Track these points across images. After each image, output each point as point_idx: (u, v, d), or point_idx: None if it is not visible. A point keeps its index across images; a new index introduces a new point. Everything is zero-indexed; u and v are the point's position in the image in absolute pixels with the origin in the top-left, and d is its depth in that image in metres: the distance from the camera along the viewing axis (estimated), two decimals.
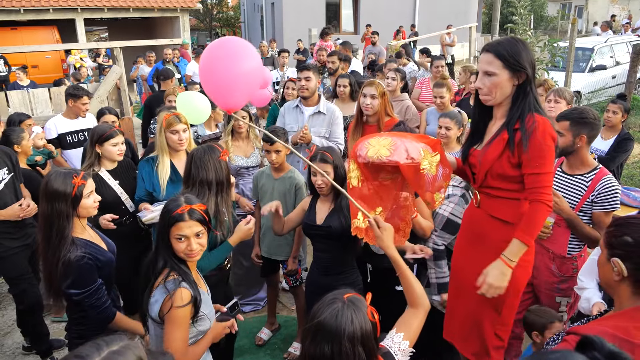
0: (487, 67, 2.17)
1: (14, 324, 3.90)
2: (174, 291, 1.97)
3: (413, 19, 19.54)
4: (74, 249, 2.26)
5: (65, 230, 2.27)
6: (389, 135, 2.38)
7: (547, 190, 2.12)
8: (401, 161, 2.19)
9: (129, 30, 18.67)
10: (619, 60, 10.77)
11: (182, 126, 3.27)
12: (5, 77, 12.08)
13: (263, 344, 3.81)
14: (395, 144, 2.24)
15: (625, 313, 1.49)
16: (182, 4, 16.21)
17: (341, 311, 1.49)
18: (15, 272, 3.48)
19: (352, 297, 1.54)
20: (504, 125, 2.21)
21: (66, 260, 2.23)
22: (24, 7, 13.56)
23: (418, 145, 2.27)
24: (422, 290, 1.92)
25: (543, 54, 6.30)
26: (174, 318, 1.96)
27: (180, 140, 3.26)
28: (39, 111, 5.40)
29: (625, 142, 4.21)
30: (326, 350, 1.47)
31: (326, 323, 1.48)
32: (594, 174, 2.84)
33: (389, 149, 2.22)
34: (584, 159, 2.88)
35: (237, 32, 31.01)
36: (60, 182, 2.26)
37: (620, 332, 1.39)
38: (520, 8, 6.11)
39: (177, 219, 2.05)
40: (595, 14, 25.63)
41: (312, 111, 4.21)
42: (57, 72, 14.39)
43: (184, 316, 1.98)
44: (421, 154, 2.24)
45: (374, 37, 11.00)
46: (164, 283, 2.01)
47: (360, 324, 1.48)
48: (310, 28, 12.84)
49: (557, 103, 3.93)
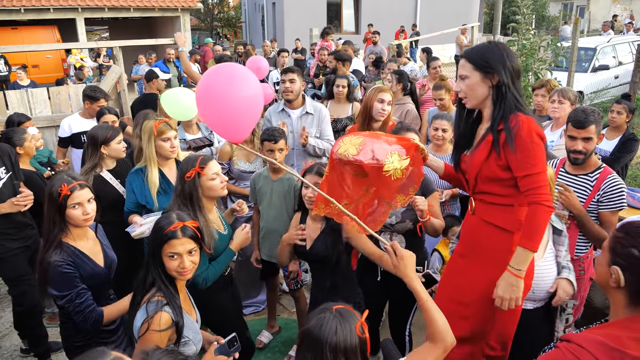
0: (461, 70, 2.24)
1: (11, 326, 3.86)
2: (153, 314, 1.91)
3: (414, 19, 19.53)
4: (57, 253, 2.27)
5: (57, 234, 2.29)
6: (365, 135, 2.40)
7: (544, 190, 2.06)
8: (365, 161, 2.23)
9: (130, 30, 18.65)
10: (622, 60, 10.73)
11: (173, 133, 3.22)
12: (6, 77, 12.07)
13: (263, 347, 3.76)
14: (364, 144, 2.28)
15: (620, 322, 1.48)
16: (183, 4, 16.19)
17: (327, 321, 1.48)
18: (15, 274, 3.44)
19: (342, 310, 1.53)
20: (489, 128, 2.19)
21: (46, 263, 2.25)
22: (24, 7, 13.54)
23: (388, 148, 2.27)
24: (446, 325, 1.76)
25: (546, 54, 6.26)
26: (146, 340, 1.90)
27: (173, 147, 3.22)
28: (37, 111, 5.35)
29: (630, 143, 4.17)
30: (309, 357, 1.48)
31: (310, 331, 1.49)
32: (598, 173, 2.83)
33: (357, 148, 2.27)
34: (590, 159, 2.86)
35: (238, 32, 31.03)
36: (54, 187, 2.28)
37: (611, 341, 1.37)
38: (523, 7, 6.07)
39: (169, 237, 2.00)
40: (597, 14, 25.59)
41: (300, 113, 4.15)
42: (58, 72, 14.39)
43: (158, 341, 1.91)
44: (388, 156, 2.24)
45: (375, 37, 10.97)
46: (146, 304, 1.96)
47: (345, 336, 1.46)
48: (311, 28, 12.80)
49: (561, 104, 3.89)
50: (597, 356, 1.34)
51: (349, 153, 2.25)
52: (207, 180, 2.63)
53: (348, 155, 2.25)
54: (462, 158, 2.36)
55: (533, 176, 2.05)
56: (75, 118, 4.76)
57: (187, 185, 2.59)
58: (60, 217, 2.30)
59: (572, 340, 1.43)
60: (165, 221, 2.06)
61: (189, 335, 2.06)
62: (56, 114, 5.47)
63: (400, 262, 1.86)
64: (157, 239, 2.03)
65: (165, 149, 3.20)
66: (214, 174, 2.64)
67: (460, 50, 12.73)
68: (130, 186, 3.22)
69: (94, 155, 3.31)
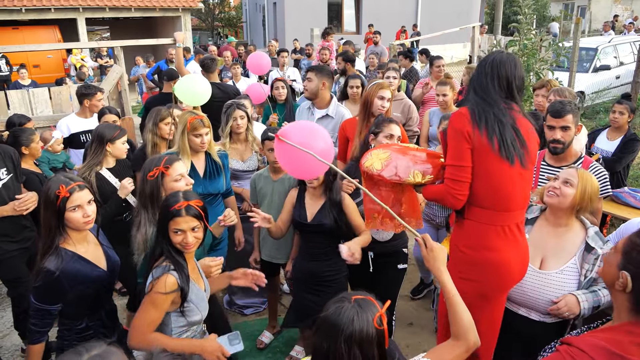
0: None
1: (12, 326, 3.86)
2: (159, 276, 2.07)
3: (415, 19, 19.52)
4: (53, 259, 2.15)
5: (54, 239, 2.18)
6: (394, 149, 2.46)
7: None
8: (387, 177, 2.34)
9: (131, 30, 18.64)
10: (623, 60, 10.71)
11: (205, 130, 3.27)
12: (7, 77, 12.07)
13: (264, 347, 3.76)
14: (390, 160, 2.37)
15: (622, 327, 1.45)
16: (183, 4, 16.18)
17: (344, 310, 1.47)
18: (12, 275, 3.44)
19: (361, 300, 1.51)
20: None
21: (39, 268, 2.15)
22: (25, 7, 13.54)
23: (412, 167, 2.34)
24: (472, 323, 1.69)
25: (547, 54, 6.26)
26: (149, 300, 2.06)
27: (203, 143, 3.28)
28: (39, 111, 5.36)
29: (631, 143, 4.17)
30: (323, 345, 1.47)
31: (327, 319, 1.48)
32: (580, 163, 2.91)
33: (382, 163, 2.37)
34: (571, 150, 2.94)
35: (239, 32, 31.02)
36: (50, 189, 2.16)
37: (612, 346, 1.35)
38: (524, 7, 6.07)
39: (174, 215, 2.13)
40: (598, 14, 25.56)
41: (321, 114, 4.17)
42: (59, 72, 14.38)
43: (160, 302, 2.06)
44: (410, 175, 2.32)
45: (376, 37, 10.96)
46: (154, 269, 2.13)
47: (361, 327, 1.44)
48: (312, 28, 12.80)
49: None
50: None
51: (374, 167, 2.37)
52: (171, 181, 2.56)
53: (372, 170, 2.38)
54: None
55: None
56: (72, 118, 4.72)
57: (149, 184, 2.53)
58: (58, 221, 2.17)
59: (572, 344, 1.41)
60: (172, 199, 2.18)
61: (193, 302, 2.18)
62: (57, 113, 5.47)
63: (430, 253, 1.84)
64: (164, 216, 2.17)
65: (196, 143, 3.26)
66: (178, 175, 2.58)
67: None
68: None
69: (97, 152, 3.35)
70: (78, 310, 2.31)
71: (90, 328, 2.38)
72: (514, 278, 2.29)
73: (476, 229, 2.23)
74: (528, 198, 2.29)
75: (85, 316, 2.35)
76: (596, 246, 2.34)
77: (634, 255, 1.45)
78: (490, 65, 2.22)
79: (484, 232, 2.22)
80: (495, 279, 2.24)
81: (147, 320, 2.08)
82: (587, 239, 2.38)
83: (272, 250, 3.52)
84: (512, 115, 2.18)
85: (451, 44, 18.62)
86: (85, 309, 2.32)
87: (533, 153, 2.25)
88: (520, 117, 2.22)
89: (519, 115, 2.22)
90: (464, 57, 16.99)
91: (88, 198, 2.24)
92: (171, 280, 2.07)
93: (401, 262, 3.21)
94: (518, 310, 2.48)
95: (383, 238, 3.10)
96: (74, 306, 2.28)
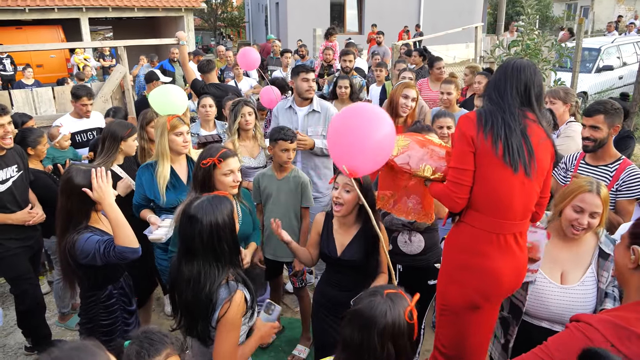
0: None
1: (16, 324, 3.87)
2: (230, 297, 1.95)
3: (418, 19, 19.50)
4: (84, 230, 2.43)
5: (82, 224, 2.45)
6: (414, 140, 2.43)
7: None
8: (398, 162, 2.31)
9: (134, 30, 18.69)
10: (626, 60, 10.69)
11: (185, 128, 3.26)
12: (12, 77, 12.13)
13: (267, 346, 3.76)
14: (407, 148, 2.35)
15: (630, 306, 1.52)
16: (186, 4, 16.21)
17: (377, 304, 1.50)
18: (15, 273, 3.46)
19: (392, 294, 1.55)
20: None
21: (74, 238, 2.39)
22: (29, 7, 13.58)
23: (428, 161, 2.32)
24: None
25: (550, 54, 6.24)
26: (230, 325, 1.95)
27: (185, 142, 3.25)
28: (42, 110, 5.37)
29: (624, 140, 4.17)
30: (356, 336, 1.51)
31: (361, 313, 1.51)
32: (618, 164, 2.94)
33: (399, 150, 2.34)
34: (609, 150, 2.98)
35: (241, 32, 31.05)
36: (81, 179, 2.39)
37: (619, 320, 1.42)
38: (527, 8, 6.06)
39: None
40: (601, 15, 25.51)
41: (306, 111, 4.11)
42: (62, 72, 14.43)
43: (239, 323, 1.99)
44: (421, 167, 2.31)
45: (379, 37, 10.96)
46: (224, 285, 2.00)
47: (394, 320, 1.48)
48: (314, 28, 12.79)
49: (552, 104, 3.91)
50: (604, 333, 1.39)
51: (391, 153, 2.34)
52: (221, 174, 2.68)
53: (391, 155, 2.34)
54: None
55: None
56: (66, 118, 4.70)
57: (202, 171, 2.67)
58: (92, 207, 2.47)
59: (581, 320, 1.47)
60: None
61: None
62: (61, 113, 5.48)
63: None
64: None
65: (177, 143, 3.23)
66: (228, 170, 2.69)
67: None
68: (140, 180, 3.25)
69: (111, 150, 3.38)
70: (105, 273, 2.56)
71: (113, 296, 2.61)
72: (505, 288, 2.23)
73: (470, 233, 2.21)
74: (530, 209, 2.21)
75: (110, 283, 2.62)
76: (610, 251, 2.29)
77: (638, 231, 1.54)
78: (510, 69, 2.18)
79: (477, 237, 2.19)
80: (484, 286, 2.20)
81: (233, 343, 2.00)
82: (600, 244, 2.34)
83: (276, 249, 3.52)
84: (524, 123, 2.12)
85: (454, 44, 18.59)
86: (109, 272, 2.59)
87: (542, 163, 2.15)
88: (534, 125, 2.14)
89: (533, 123, 2.14)
90: (467, 58, 16.97)
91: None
92: (241, 296, 1.98)
93: (432, 278, 2.93)
94: (540, 323, 2.40)
95: (412, 251, 2.98)
96: (101, 270, 2.50)
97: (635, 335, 1.36)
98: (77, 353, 1.14)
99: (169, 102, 3.50)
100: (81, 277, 2.51)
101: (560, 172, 3.19)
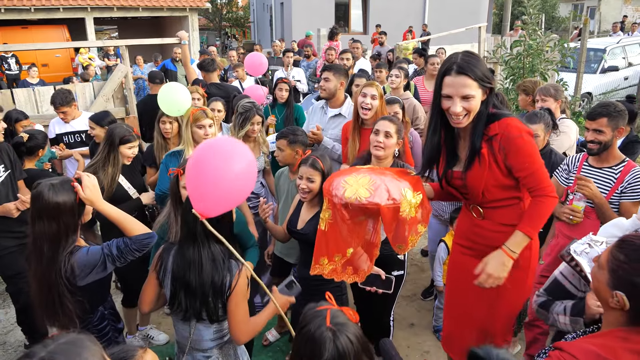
0: (467, 90, 2.06)
1: (16, 322, 3.89)
2: (238, 271, 2.08)
3: (423, 19, 19.47)
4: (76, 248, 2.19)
5: (74, 243, 2.18)
6: (368, 172, 2.29)
7: (547, 183, 2.11)
8: (382, 203, 2.11)
9: (139, 30, 18.76)
10: (632, 61, 10.61)
11: (208, 121, 3.37)
12: (17, 76, 12.19)
13: (268, 345, 3.77)
14: (375, 183, 2.17)
15: (614, 333, 1.46)
16: (191, 4, 16.25)
17: (334, 344, 1.45)
18: (12, 271, 3.47)
19: (333, 321, 1.49)
20: (477, 140, 2.15)
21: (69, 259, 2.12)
22: (34, 6, 13.66)
23: (400, 185, 2.21)
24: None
25: (553, 54, 6.21)
26: (241, 295, 2.08)
27: (206, 134, 3.35)
28: (44, 109, 5.40)
29: (632, 145, 4.14)
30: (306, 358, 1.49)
31: (307, 341, 1.48)
32: (622, 166, 2.91)
33: (369, 189, 2.14)
34: (613, 152, 2.94)
35: (246, 31, 31.10)
36: (63, 194, 2.09)
37: (604, 351, 1.36)
38: (530, 7, 6.03)
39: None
40: (608, 15, 25.35)
41: (333, 113, 4.13)
42: (67, 71, 14.48)
43: (246, 288, 2.11)
44: (403, 194, 2.17)
45: (381, 38, 10.95)
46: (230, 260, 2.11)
47: (343, 349, 1.45)
48: (319, 28, 12.79)
49: (544, 102, 3.90)
50: None
51: (360, 196, 2.12)
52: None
53: (360, 199, 2.12)
54: (450, 174, 2.33)
55: (534, 173, 2.10)
56: (58, 120, 4.71)
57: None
58: (79, 220, 2.21)
59: (564, 349, 1.42)
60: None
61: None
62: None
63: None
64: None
65: (199, 135, 3.34)
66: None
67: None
68: (166, 167, 3.28)
69: (110, 155, 3.29)
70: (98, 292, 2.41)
71: (105, 318, 2.48)
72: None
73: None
74: None
75: (101, 303, 2.47)
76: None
77: (621, 274, 1.45)
78: None
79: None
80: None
81: (244, 312, 2.12)
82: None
83: (284, 248, 3.51)
84: None
85: (458, 44, 18.54)
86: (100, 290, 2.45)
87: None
88: None
89: None
90: None
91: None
92: (245, 270, 2.12)
93: (395, 269, 3.03)
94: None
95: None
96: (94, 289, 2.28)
97: None
98: (72, 347, 1.14)
99: (174, 101, 3.55)
100: (74, 305, 2.18)
101: (562, 173, 3.16)
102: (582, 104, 8.76)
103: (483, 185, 2.19)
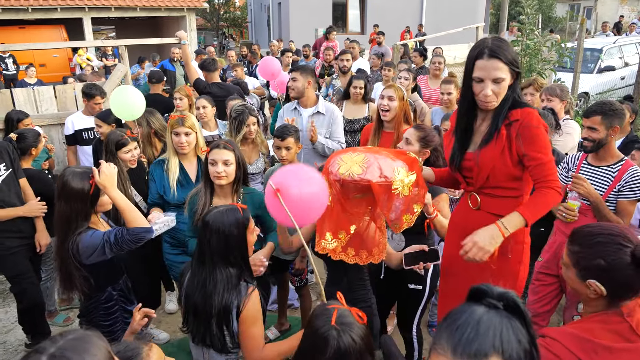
0: (499, 73, 2.12)
1: (16, 321, 3.90)
2: (250, 289, 2.07)
3: (420, 19, 19.51)
4: (85, 230, 2.40)
5: (83, 227, 2.40)
6: (364, 151, 2.31)
7: (556, 177, 2.13)
8: (373, 180, 2.13)
9: (136, 30, 18.74)
10: (628, 61, 10.66)
11: (183, 129, 3.22)
12: (14, 76, 12.17)
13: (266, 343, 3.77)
14: (369, 161, 2.19)
15: (595, 317, 1.51)
16: (188, 4, 16.23)
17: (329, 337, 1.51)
18: (15, 271, 3.47)
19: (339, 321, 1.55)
20: (498, 121, 2.19)
21: (77, 239, 2.34)
22: (32, 6, 13.63)
23: (393, 164, 2.21)
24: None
25: (550, 54, 6.24)
26: (253, 318, 2.05)
27: (181, 143, 3.22)
28: (44, 109, 5.41)
29: (632, 145, 4.15)
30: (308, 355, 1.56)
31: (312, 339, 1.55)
32: (620, 165, 2.93)
33: (362, 166, 2.16)
34: (611, 151, 2.97)
35: (244, 32, 31.07)
36: (78, 182, 2.36)
37: (583, 333, 1.42)
38: (527, 7, 6.06)
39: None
40: (604, 15, 25.43)
41: (311, 112, 4.12)
42: (65, 71, 14.45)
43: (258, 310, 2.08)
44: (396, 172, 2.18)
45: (379, 38, 10.97)
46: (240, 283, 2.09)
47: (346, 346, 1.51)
48: (316, 28, 12.82)
49: (549, 102, 3.93)
50: (569, 347, 1.40)
51: (353, 172, 2.15)
52: (208, 163, 2.78)
53: (353, 175, 2.15)
54: (465, 156, 2.34)
55: (544, 165, 2.12)
56: (78, 115, 4.80)
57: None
58: (91, 209, 2.43)
59: (546, 335, 1.48)
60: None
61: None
62: (62, 111, 5.52)
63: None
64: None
65: (175, 141, 3.24)
66: (212, 159, 2.75)
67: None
68: (152, 176, 3.29)
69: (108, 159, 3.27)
70: (105, 275, 2.54)
71: (113, 298, 2.59)
72: None
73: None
74: None
75: (109, 284, 2.59)
76: None
77: (583, 263, 1.52)
78: None
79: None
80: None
81: (255, 339, 2.08)
82: None
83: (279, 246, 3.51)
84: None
85: (456, 44, 18.58)
86: (109, 274, 2.59)
87: None
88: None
89: None
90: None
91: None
92: (257, 292, 2.10)
93: (412, 282, 2.89)
94: None
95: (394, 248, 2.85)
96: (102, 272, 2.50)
97: (601, 347, 1.37)
98: (80, 343, 1.16)
99: (127, 104, 3.55)
100: (82, 280, 2.43)
101: (562, 172, 3.19)
102: (579, 104, 8.80)
103: (492, 166, 2.20)
